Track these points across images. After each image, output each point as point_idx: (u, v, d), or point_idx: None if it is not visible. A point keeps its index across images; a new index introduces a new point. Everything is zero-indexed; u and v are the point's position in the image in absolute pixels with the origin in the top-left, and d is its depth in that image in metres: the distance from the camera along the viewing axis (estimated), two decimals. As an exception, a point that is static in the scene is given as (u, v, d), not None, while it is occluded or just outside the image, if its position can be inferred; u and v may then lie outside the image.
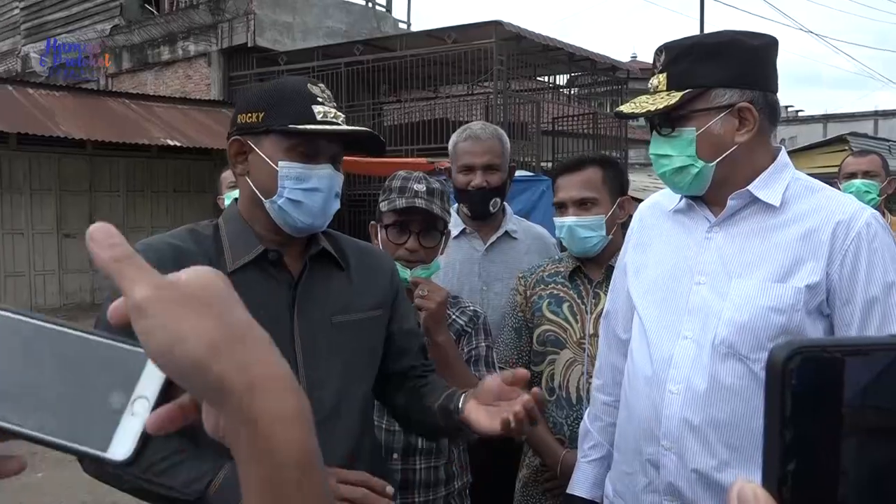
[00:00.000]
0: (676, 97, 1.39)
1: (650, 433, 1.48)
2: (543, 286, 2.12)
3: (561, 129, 12.63)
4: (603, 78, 12.77)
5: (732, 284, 1.41)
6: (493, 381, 1.30)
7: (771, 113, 1.43)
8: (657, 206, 1.65)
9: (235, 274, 1.35)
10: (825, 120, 20.54)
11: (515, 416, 1.21)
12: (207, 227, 1.44)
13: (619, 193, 2.10)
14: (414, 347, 1.56)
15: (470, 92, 12.11)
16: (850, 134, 11.89)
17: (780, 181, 1.44)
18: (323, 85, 1.41)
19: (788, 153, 1.51)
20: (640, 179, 13.39)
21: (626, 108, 1.50)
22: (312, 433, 0.46)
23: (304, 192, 1.35)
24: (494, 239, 2.44)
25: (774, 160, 1.46)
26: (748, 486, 0.35)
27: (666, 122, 1.44)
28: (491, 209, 2.39)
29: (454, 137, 2.45)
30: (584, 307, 2.04)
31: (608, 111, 13.47)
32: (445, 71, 10.99)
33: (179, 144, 10.53)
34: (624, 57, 21.67)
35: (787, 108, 22.61)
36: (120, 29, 14.13)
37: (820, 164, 10.68)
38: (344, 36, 13.12)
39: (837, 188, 3.39)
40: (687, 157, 1.42)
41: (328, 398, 1.38)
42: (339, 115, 1.38)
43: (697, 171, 1.42)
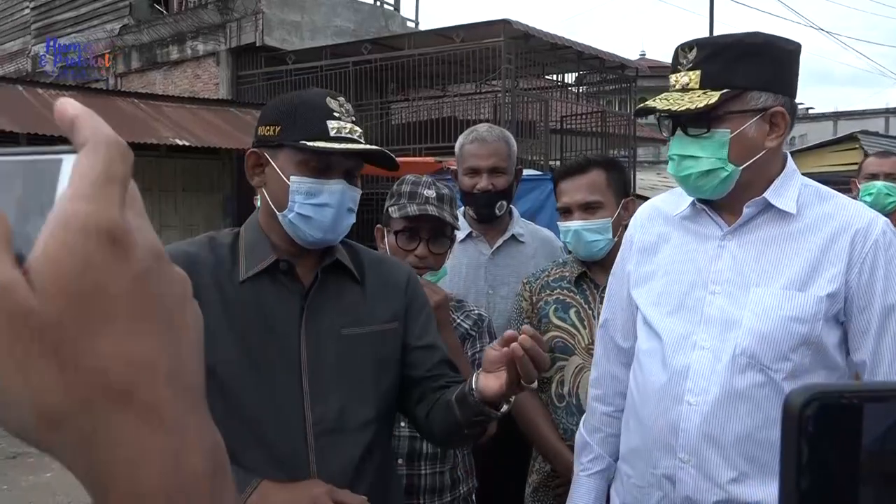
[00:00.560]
0: (715, 96, 1.34)
1: (666, 446, 1.44)
2: (549, 291, 2.10)
3: (569, 127, 12.59)
4: (612, 76, 12.72)
5: (751, 293, 1.39)
6: (491, 348, 1.28)
7: (793, 119, 1.42)
8: (658, 211, 1.61)
9: (247, 283, 1.37)
10: (836, 117, 20.41)
11: (517, 360, 1.18)
12: (228, 234, 1.46)
13: (622, 195, 2.08)
14: (433, 359, 1.52)
15: (478, 90, 12.08)
16: (860, 132, 11.79)
17: (791, 188, 1.42)
18: (343, 98, 1.41)
19: (799, 151, 1.49)
20: (648, 178, 13.38)
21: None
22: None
23: (313, 207, 1.35)
24: (501, 242, 2.43)
25: (784, 167, 1.45)
26: None
27: (699, 122, 1.38)
28: (497, 212, 2.38)
29: (460, 140, 2.43)
30: (591, 312, 2.02)
31: (617, 109, 13.43)
32: (453, 70, 10.96)
33: (188, 144, 10.55)
34: (633, 55, 21.58)
35: (797, 105, 22.48)
36: (129, 28, 14.18)
37: (830, 162, 10.61)
38: (352, 35, 13.12)
39: (855, 187, 3.36)
40: (718, 159, 1.37)
41: (331, 411, 1.37)
42: (355, 129, 1.38)
43: (727, 175, 1.38)
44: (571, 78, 13.19)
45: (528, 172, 6.86)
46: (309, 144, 1.32)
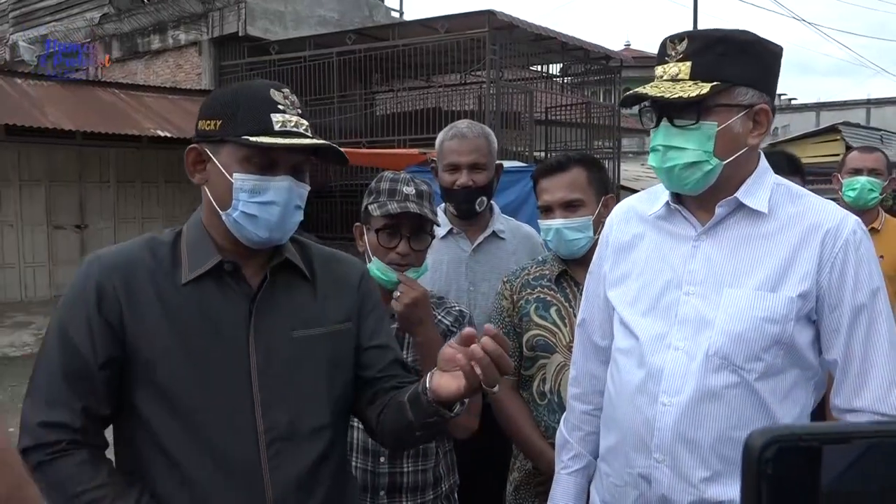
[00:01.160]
0: (706, 88, 1.34)
1: (642, 446, 1.45)
2: (530, 290, 2.09)
3: (554, 118, 12.59)
4: (596, 67, 12.72)
5: (724, 294, 1.40)
6: (448, 346, 1.23)
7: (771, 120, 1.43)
8: (632, 210, 1.60)
9: (190, 285, 1.30)
10: (818, 108, 20.56)
11: (477, 361, 1.14)
12: (169, 234, 1.38)
13: (603, 192, 2.08)
14: (386, 359, 1.47)
15: (463, 81, 12.05)
16: (842, 123, 11.89)
17: (764, 187, 1.43)
18: (287, 90, 1.33)
19: (781, 142, 1.50)
20: (632, 169, 13.41)
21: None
22: None
23: (259, 205, 1.29)
24: (482, 239, 2.43)
25: (758, 165, 1.45)
26: None
27: (688, 112, 1.38)
28: (477, 208, 2.38)
29: (440, 136, 2.43)
30: (571, 310, 2.01)
31: (601, 100, 13.44)
32: (438, 60, 10.92)
33: (170, 136, 10.45)
34: (617, 46, 21.62)
35: (780, 96, 22.61)
36: (109, 17, 14.00)
37: (811, 153, 10.69)
38: (336, 25, 13.03)
39: (837, 181, 3.37)
40: (704, 152, 1.37)
41: (284, 417, 1.32)
42: (301, 122, 1.31)
43: (710, 168, 1.38)
44: (556, 69, 13.18)
45: (512, 164, 6.85)
46: (252, 140, 1.24)
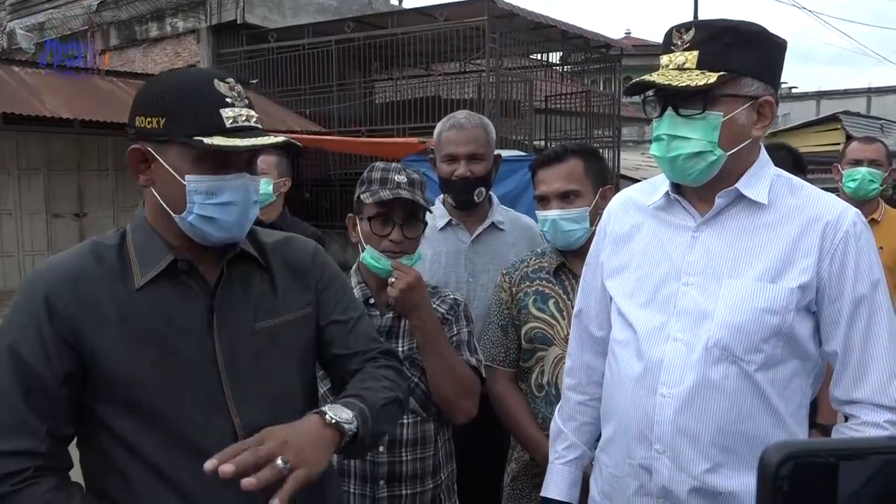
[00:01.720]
0: (713, 77, 1.33)
1: (641, 437, 1.45)
2: (528, 283, 2.09)
3: (554, 107, 12.57)
4: (596, 55, 12.68)
5: (723, 285, 1.39)
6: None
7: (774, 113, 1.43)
8: (630, 201, 1.60)
9: (144, 289, 1.24)
10: (819, 97, 20.54)
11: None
12: (112, 237, 1.30)
13: (601, 183, 2.07)
14: (345, 334, 1.43)
15: (462, 70, 12.02)
16: (843, 113, 11.88)
17: (763, 179, 1.42)
18: (232, 80, 1.26)
19: (782, 131, 1.49)
20: (632, 158, 13.39)
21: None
22: None
23: (216, 206, 1.22)
24: (481, 230, 2.42)
25: (758, 157, 1.45)
26: None
27: (694, 102, 1.37)
28: (476, 199, 2.37)
29: (438, 127, 2.42)
30: (569, 303, 2.01)
31: (601, 89, 13.41)
32: (438, 48, 10.89)
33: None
34: (618, 34, 21.57)
35: (781, 84, 22.59)
36: (107, 5, 13.94)
37: (812, 142, 10.69)
38: (335, 13, 12.97)
39: (837, 172, 3.36)
40: (708, 142, 1.36)
41: (258, 411, 1.28)
42: (251, 114, 1.24)
43: (715, 159, 1.37)
44: (556, 57, 13.15)
45: (510, 154, 6.82)
46: (206, 142, 1.17)
